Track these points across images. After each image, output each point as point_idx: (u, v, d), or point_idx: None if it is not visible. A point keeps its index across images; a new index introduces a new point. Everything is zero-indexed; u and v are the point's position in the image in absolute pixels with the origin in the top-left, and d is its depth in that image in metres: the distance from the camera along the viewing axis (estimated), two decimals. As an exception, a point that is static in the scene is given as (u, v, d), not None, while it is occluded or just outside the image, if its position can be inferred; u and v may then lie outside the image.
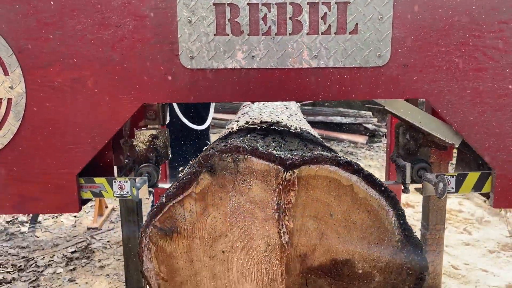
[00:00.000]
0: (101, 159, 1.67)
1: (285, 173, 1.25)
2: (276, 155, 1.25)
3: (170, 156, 1.66)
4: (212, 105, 3.22)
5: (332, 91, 1.49)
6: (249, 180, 1.28)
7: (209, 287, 1.37)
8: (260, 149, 1.26)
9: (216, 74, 1.48)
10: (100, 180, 1.60)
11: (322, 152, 1.31)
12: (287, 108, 2.68)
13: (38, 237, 4.21)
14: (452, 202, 4.87)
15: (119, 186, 1.58)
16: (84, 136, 1.53)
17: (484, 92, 1.51)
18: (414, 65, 1.48)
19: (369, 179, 1.28)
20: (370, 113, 8.75)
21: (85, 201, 1.64)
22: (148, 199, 1.63)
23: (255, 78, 1.47)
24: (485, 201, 5.30)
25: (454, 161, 1.90)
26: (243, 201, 1.29)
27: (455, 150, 1.81)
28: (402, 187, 1.68)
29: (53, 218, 4.63)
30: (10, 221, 4.49)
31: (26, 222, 4.44)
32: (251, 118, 2.23)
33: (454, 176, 1.62)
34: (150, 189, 1.62)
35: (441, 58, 1.48)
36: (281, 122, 2.06)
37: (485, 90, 1.50)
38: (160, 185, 1.68)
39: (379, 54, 1.47)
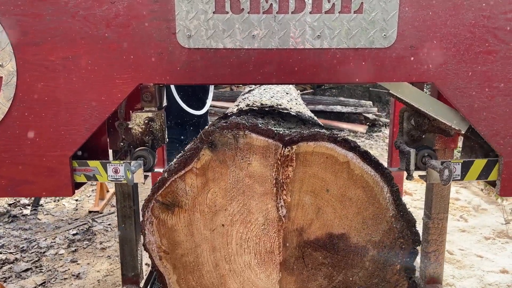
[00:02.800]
0: (96, 142, 1.64)
1: (284, 149, 1.29)
2: (275, 132, 1.29)
3: (167, 140, 1.63)
4: (211, 89, 3.12)
5: (335, 74, 1.45)
6: (249, 155, 1.32)
7: (209, 259, 1.42)
8: (260, 125, 1.29)
9: (215, 54, 1.43)
10: (94, 163, 1.56)
11: (320, 130, 1.35)
12: (287, 93, 2.71)
13: (40, 220, 4.26)
14: (450, 190, 4.91)
15: (113, 169, 1.55)
16: (77, 117, 1.48)
17: (494, 76, 1.45)
18: (421, 46, 1.43)
19: (365, 156, 1.32)
20: (370, 102, 8.77)
21: (78, 185, 1.59)
22: (144, 183, 1.59)
23: (255, 59, 1.43)
24: (482, 190, 5.32)
25: (459, 148, 1.88)
26: (242, 176, 1.34)
27: (460, 137, 1.75)
28: (406, 174, 1.64)
29: (55, 201, 4.69)
30: (12, 203, 4.54)
31: (28, 205, 4.49)
32: (251, 101, 2.27)
33: (460, 163, 1.57)
34: (146, 173, 1.59)
35: (449, 40, 1.42)
36: (280, 105, 2.10)
37: (495, 74, 1.44)
38: (157, 169, 1.65)
39: (385, 35, 1.42)
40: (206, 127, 1.44)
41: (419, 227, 1.53)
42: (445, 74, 1.45)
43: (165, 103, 1.70)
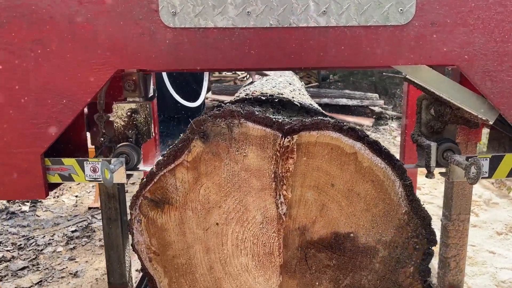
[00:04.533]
0: (74, 138, 1.49)
1: (283, 139, 1.16)
2: (274, 120, 1.15)
3: (153, 134, 1.47)
4: (205, 78, 2.93)
5: (343, 56, 1.27)
6: (245, 147, 1.19)
7: (202, 261, 1.30)
8: (257, 113, 1.16)
9: (204, 34, 1.26)
10: (69, 161, 1.38)
11: (323, 118, 1.21)
12: (290, 84, 2.58)
13: (39, 216, 4.18)
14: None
15: (91, 168, 1.37)
16: (49, 108, 1.31)
17: None
18: (443, 23, 1.25)
19: (374, 146, 1.19)
20: (376, 95, 8.60)
21: (53, 186, 1.44)
22: (126, 184, 1.46)
23: (250, 40, 1.26)
24: (493, 183, 5.16)
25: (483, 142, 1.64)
26: (238, 169, 1.21)
27: (485, 130, 1.55)
28: (426, 172, 1.43)
29: (54, 197, 4.61)
30: (11, 200, 4.46)
31: (27, 201, 4.41)
32: (250, 91, 2.13)
33: (488, 159, 1.37)
34: (130, 172, 1.43)
35: (477, 16, 1.24)
36: (282, 95, 1.96)
37: None
38: (143, 167, 1.47)
39: (401, 10, 1.24)
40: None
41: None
42: (472, 55, 1.27)
43: (151, 93, 1.54)
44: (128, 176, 1.41)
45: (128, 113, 1.40)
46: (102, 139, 1.43)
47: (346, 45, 1.27)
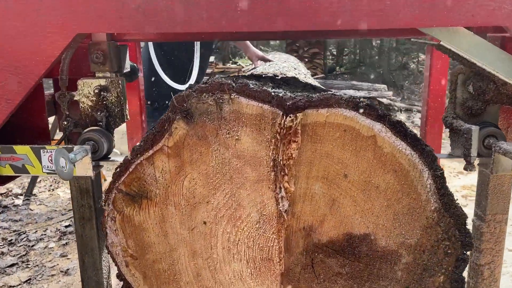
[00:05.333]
0: (31, 123, 1.26)
1: (285, 118, 0.93)
2: (273, 94, 0.92)
3: (128, 118, 1.23)
4: (196, 55, 2.61)
5: (360, 16, 1.02)
6: (237, 128, 0.96)
7: (188, 266, 1.08)
8: (252, 86, 0.93)
9: None
10: (22, 150, 1.14)
11: (335, 93, 0.98)
12: (295, 69, 2.34)
13: (32, 210, 4.01)
14: (473, 177, 4.51)
15: (49, 158, 1.14)
16: None
17: None
18: None
19: (398, 128, 0.96)
20: (384, 86, 8.34)
21: (4, 180, 1.22)
22: (92, 177, 1.19)
23: None
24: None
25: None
26: (229, 156, 0.98)
27: None
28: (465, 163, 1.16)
29: (49, 190, 4.43)
30: (4, 193, 4.29)
31: (21, 195, 4.24)
32: (251, 73, 1.90)
33: None
34: (102, 162, 1.21)
35: None
36: (285, 75, 1.73)
37: None
38: (116, 158, 1.24)
39: None
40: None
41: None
42: None
43: (128, 68, 1.30)
44: (96, 168, 1.18)
45: (96, 91, 1.16)
46: (66, 122, 1.18)
47: (365, 2, 1.01)
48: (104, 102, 1.17)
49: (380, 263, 1.03)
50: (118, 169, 1.07)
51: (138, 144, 1.06)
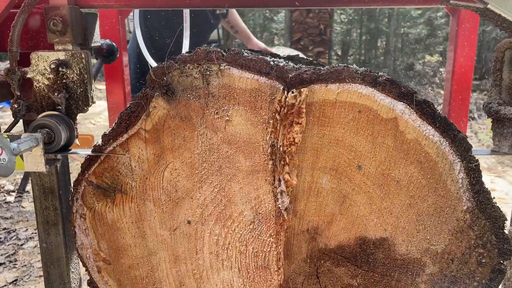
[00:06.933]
0: None
1: (286, 93, 0.76)
2: (272, 64, 0.75)
3: (94, 101, 1.01)
4: (186, 34, 2.37)
5: None
6: (228, 107, 0.79)
7: (169, 274, 0.91)
8: (245, 54, 0.76)
9: None
10: None
11: (347, 66, 0.80)
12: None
13: (24, 208, 3.86)
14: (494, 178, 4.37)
15: None
16: None
17: None
18: None
19: (425, 109, 0.78)
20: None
21: None
22: (46, 172, 0.96)
23: None
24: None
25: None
26: (218, 141, 0.81)
27: None
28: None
29: (43, 187, 4.28)
30: None
31: (13, 191, 4.09)
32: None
33: None
34: (59, 155, 1.00)
35: None
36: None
37: None
38: (79, 150, 1.01)
39: None
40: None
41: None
42: None
43: (99, 43, 1.07)
44: (51, 162, 0.98)
45: (53, 67, 0.94)
46: (16, 105, 0.95)
47: None
48: (64, 81, 0.96)
49: (399, 274, 0.85)
50: (87, 158, 0.91)
51: (110, 128, 0.89)
